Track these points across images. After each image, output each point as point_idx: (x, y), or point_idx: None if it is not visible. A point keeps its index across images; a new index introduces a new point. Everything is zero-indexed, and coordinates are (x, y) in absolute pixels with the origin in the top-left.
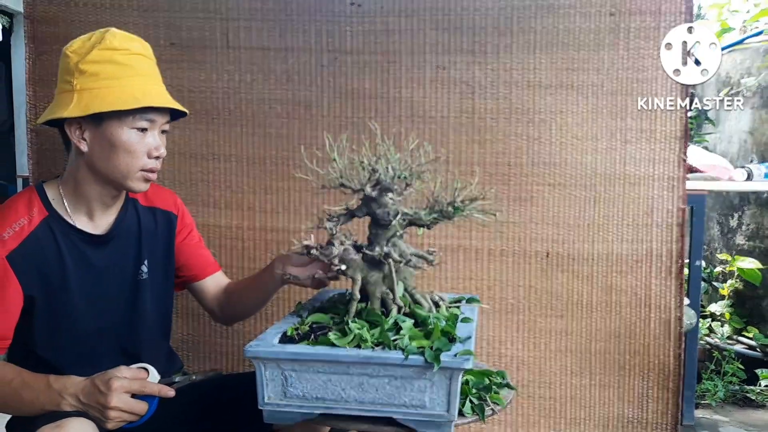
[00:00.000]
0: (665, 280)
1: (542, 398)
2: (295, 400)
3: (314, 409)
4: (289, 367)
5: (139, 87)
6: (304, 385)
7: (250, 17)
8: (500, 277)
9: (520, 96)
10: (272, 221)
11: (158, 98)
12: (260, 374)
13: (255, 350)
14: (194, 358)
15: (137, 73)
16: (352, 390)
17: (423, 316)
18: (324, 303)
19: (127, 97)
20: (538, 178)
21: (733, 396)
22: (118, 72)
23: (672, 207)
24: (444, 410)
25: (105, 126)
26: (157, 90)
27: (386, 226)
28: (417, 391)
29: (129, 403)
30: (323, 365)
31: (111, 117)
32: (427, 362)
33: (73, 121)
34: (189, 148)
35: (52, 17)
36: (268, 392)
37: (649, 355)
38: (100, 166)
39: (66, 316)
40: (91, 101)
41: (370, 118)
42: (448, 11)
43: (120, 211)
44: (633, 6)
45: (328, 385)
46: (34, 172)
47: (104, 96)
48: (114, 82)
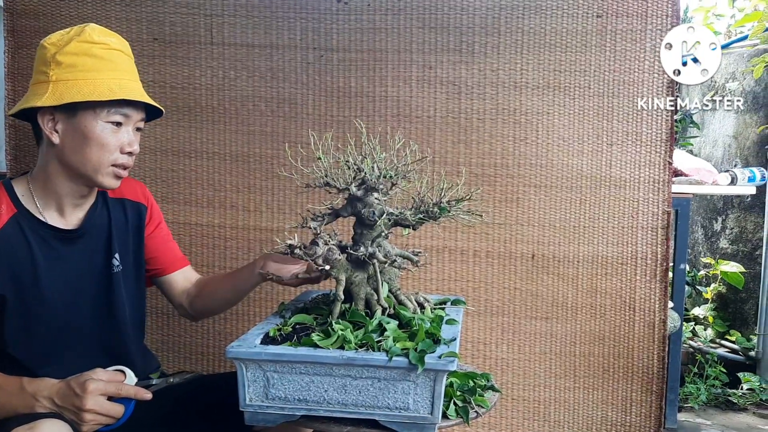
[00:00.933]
0: (650, 283)
1: (526, 401)
2: (277, 402)
3: (296, 411)
4: (272, 368)
5: (115, 81)
6: (286, 386)
7: (234, 13)
8: (485, 279)
9: (507, 96)
10: (255, 220)
11: (134, 93)
12: (242, 375)
13: (236, 351)
14: (173, 358)
15: (115, 68)
16: (334, 392)
17: (407, 317)
18: (307, 304)
19: (103, 89)
20: (524, 179)
21: (715, 399)
22: (96, 65)
23: (657, 210)
24: (428, 412)
25: (79, 118)
26: (133, 86)
27: (371, 226)
28: (401, 393)
29: (104, 405)
30: (306, 366)
31: (86, 109)
32: (411, 364)
33: (46, 111)
34: (171, 145)
35: (33, 10)
36: (249, 394)
37: (633, 358)
38: (71, 158)
39: (38, 314)
40: (66, 91)
41: (355, 117)
42: (436, 10)
43: (91, 206)
44: (620, 8)
45: (311, 387)
46: (12, 168)
47: (80, 87)
48: (90, 75)
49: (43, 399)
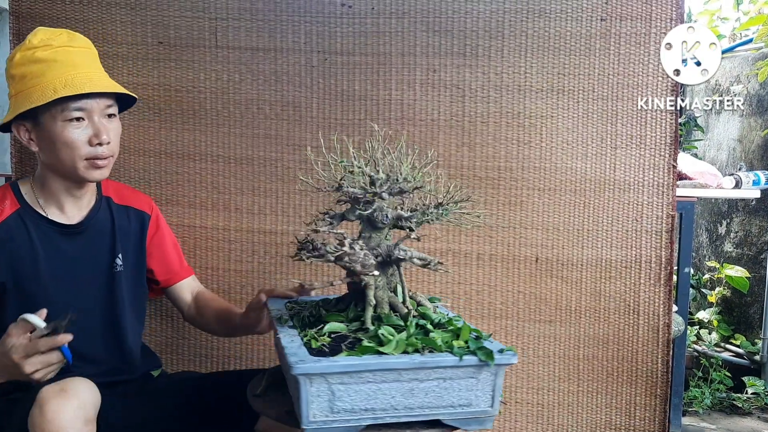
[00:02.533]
0: (654, 287)
1: (530, 404)
2: (343, 414)
3: (361, 421)
4: (338, 381)
5: (59, 79)
6: (353, 397)
7: (239, 17)
8: (489, 282)
9: (511, 100)
10: (259, 223)
11: (80, 86)
12: (305, 392)
13: (304, 367)
14: (176, 360)
15: (61, 65)
16: (401, 397)
17: (433, 317)
18: (307, 311)
19: (46, 91)
20: (528, 182)
21: (720, 403)
22: (40, 69)
23: (661, 213)
24: (488, 406)
25: (43, 124)
26: (81, 78)
27: (381, 229)
28: (465, 390)
29: (43, 360)
30: (375, 374)
31: (44, 114)
32: (481, 361)
33: (19, 124)
34: (175, 148)
35: (38, 13)
36: (313, 410)
37: (637, 362)
38: (49, 161)
39: (38, 303)
40: (21, 103)
41: (359, 120)
42: (440, 13)
43: (93, 205)
44: (624, 11)
45: (378, 395)
46: (17, 171)
47: (29, 95)
48: (37, 80)
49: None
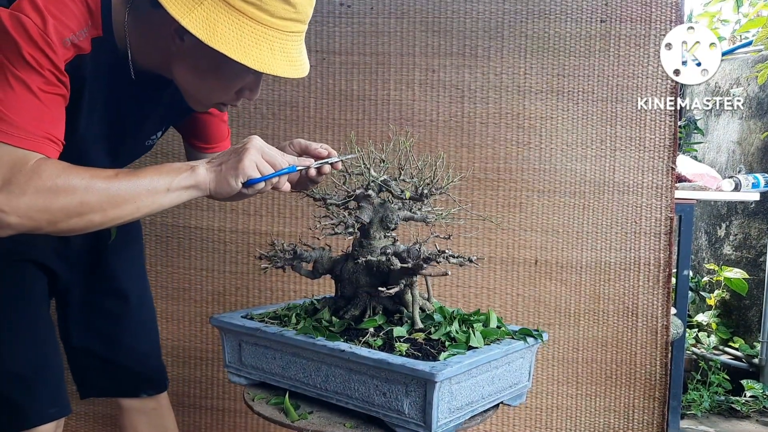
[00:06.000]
0: (653, 289)
1: (528, 408)
2: (456, 413)
3: (464, 416)
4: (457, 381)
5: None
6: (462, 394)
7: None
8: (488, 285)
9: (510, 101)
10: (255, 223)
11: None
12: (436, 398)
13: (444, 373)
14: (183, 363)
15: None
16: (488, 385)
17: (463, 314)
18: (330, 314)
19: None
20: (527, 184)
21: (718, 406)
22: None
23: (660, 216)
24: (527, 380)
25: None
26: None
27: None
28: (517, 370)
29: (271, 160)
30: (478, 369)
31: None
32: (535, 340)
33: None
34: (171, 148)
35: None
36: (439, 414)
37: (636, 365)
38: (179, 72)
39: (73, 140)
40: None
41: (357, 120)
42: (439, 13)
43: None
44: (624, 13)
45: (476, 388)
46: None
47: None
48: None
49: (198, 164)
